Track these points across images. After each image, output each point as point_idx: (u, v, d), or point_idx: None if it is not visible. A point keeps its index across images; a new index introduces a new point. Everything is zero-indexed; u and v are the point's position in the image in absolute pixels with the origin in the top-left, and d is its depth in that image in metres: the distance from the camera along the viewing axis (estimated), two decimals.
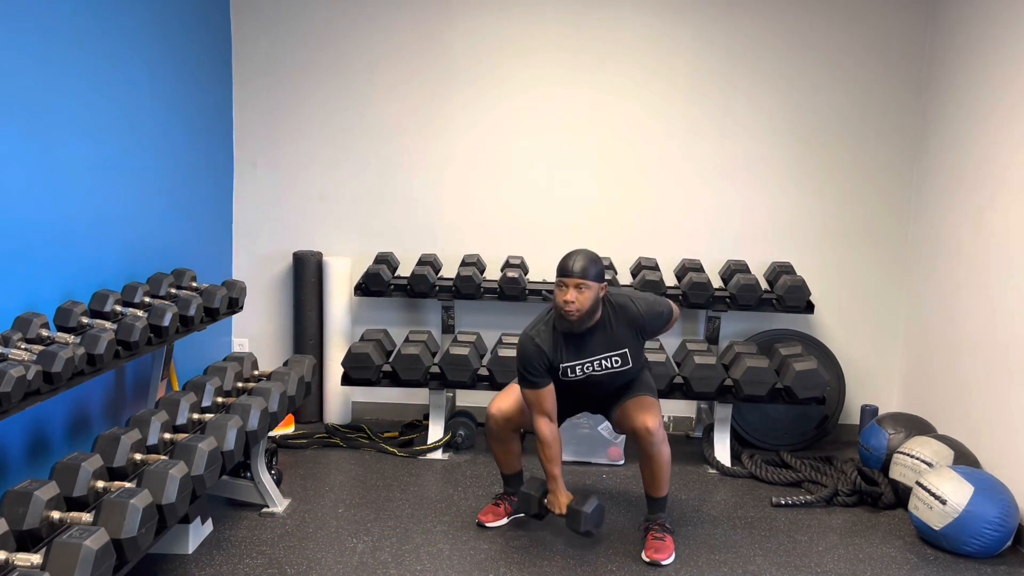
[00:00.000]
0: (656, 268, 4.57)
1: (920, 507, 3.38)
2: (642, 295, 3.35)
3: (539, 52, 4.71)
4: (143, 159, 3.81)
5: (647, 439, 3.17)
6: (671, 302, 3.36)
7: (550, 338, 3.17)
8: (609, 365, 3.21)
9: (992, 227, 3.80)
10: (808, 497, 3.79)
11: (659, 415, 3.23)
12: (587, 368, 3.20)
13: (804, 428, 4.57)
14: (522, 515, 3.52)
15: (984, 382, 3.79)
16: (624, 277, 4.67)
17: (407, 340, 4.38)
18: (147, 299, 3.38)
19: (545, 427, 3.19)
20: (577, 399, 3.37)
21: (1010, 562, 3.28)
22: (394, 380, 4.22)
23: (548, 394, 3.20)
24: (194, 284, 3.79)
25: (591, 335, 3.17)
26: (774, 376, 4.06)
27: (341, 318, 4.76)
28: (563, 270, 3.08)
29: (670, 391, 4.10)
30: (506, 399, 3.42)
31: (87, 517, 2.19)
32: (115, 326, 2.96)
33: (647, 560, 3.17)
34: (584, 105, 4.74)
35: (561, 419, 3.33)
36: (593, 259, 3.09)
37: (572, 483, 3.95)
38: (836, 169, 4.70)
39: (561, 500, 3.21)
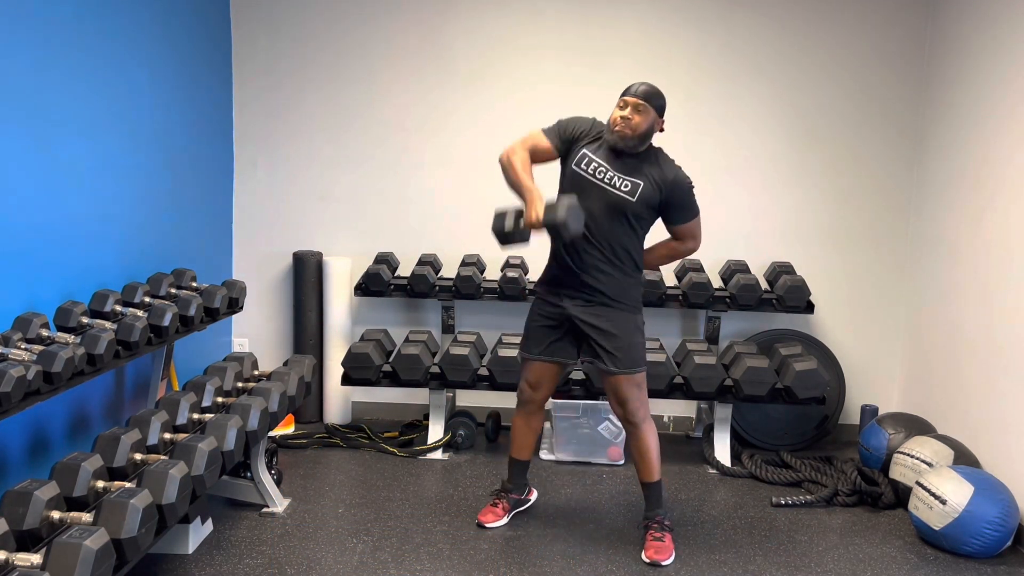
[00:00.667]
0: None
1: (920, 507, 3.38)
2: (691, 190, 3.26)
3: (540, 50, 4.71)
4: (143, 159, 3.81)
5: (627, 420, 3.21)
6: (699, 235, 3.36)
7: (596, 134, 3.17)
8: (617, 185, 3.11)
9: (992, 227, 3.80)
10: (808, 497, 3.79)
11: (641, 392, 3.21)
12: (599, 171, 3.12)
13: (804, 428, 4.57)
14: (522, 509, 3.53)
15: (984, 382, 3.79)
16: None
17: (407, 340, 4.38)
18: (147, 299, 3.38)
19: (520, 149, 3.14)
20: (563, 267, 3.23)
21: (1010, 562, 3.29)
22: (394, 380, 4.22)
23: (545, 147, 3.19)
24: (194, 284, 3.79)
25: (625, 155, 3.13)
26: (774, 376, 4.06)
27: (341, 318, 4.76)
28: (627, 91, 3.11)
29: (670, 391, 4.10)
30: (534, 369, 3.39)
31: (87, 517, 2.18)
32: (115, 326, 2.96)
33: (647, 560, 3.16)
34: (585, 104, 4.71)
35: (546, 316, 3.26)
36: (659, 92, 3.12)
37: (572, 483, 3.96)
38: (836, 169, 4.70)
39: (538, 204, 3.00)
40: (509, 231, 3.06)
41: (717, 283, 4.66)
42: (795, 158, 4.71)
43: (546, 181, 3.22)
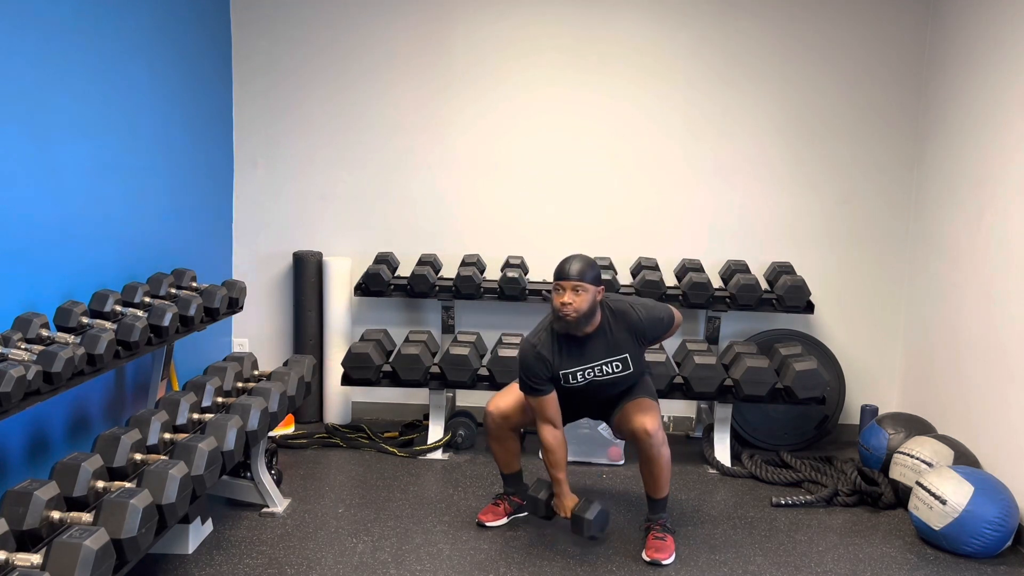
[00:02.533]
0: (656, 268, 4.57)
1: (920, 507, 3.38)
2: (642, 301, 3.35)
3: (539, 52, 4.70)
4: (143, 159, 3.81)
5: (646, 441, 3.17)
6: (673, 308, 3.36)
7: (551, 345, 3.18)
8: (610, 371, 3.21)
9: (992, 227, 3.80)
10: (808, 497, 3.79)
11: (658, 417, 3.23)
12: (588, 374, 3.21)
13: (804, 428, 4.57)
14: (523, 515, 3.53)
15: (984, 382, 3.79)
16: (624, 277, 4.67)
17: (407, 340, 4.38)
18: (147, 299, 3.38)
19: (549, 434, 3.21)
20: (578, 405, 3.38)
21: (1010, 562, 3.28)
22: (394, 380, 4.22)
23: (551, 401, 3.21)
24: (194, 284, 3.79)
25: (591, 340, 3.18)
26: (774, 376, 4.06)
27: (341, 318, 4.76)
28: (560, 273, 3.11)
29: (670, 391, 4.10)
30: (505, 398, 3.43)
31: (87, 517, 2.18)
32: (115, 326, 2.96)
33: (647, 560, 3.17)
34: (584, 105, 4.74)
35: (563, 424, 3.33)
36: (590, 263, 3.12)
37: (572, 483, 3.93)
38: (836, 169, 4.70)
39: (567, 504, 3.23)
40: (542, 516, 3.35)
41: (717, 283, 4.66)
42: (795, 158, 4.70)
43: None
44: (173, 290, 3.56)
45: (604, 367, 3.20)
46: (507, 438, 3.46)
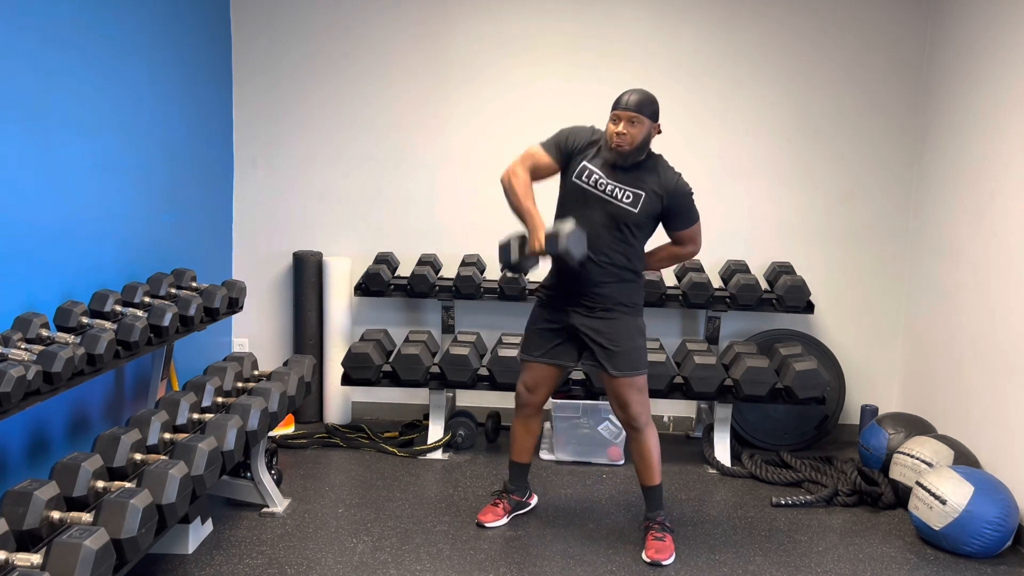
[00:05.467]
0: None
1: (920, 507, 3.38)
2: (690, 193, 3.26)
3: (539, 50, 4.70)
4: (143, 159, 3.81)
5: (629, 424, 3.20)
6: (700, 240, 3.35)
7: (593, 147, 3.15)
8: (619, 196, 3.11)
9: (992, 227, 3.80)
10: (808, 497, 3.79)
11: (642, 397, 3.20)
12: (600, 183, 3.11)
13: (804, 428, 4.57)
14: (523, 513, 3.53)
15: (984, 382, 3.79)
16: None
17: (407, 340, 4.38)
18: (147, 299, 3.38)
19: (520, 171, 3.14)
20: (565, 282, 3.23)
21: (1010, 562, 3.28)
22: (394, 380, 4.22)
23: (546, 163, 3.18)
24: (194, 284, 3.79)
25: (623, 168, 3.12)
26: (774, 376, 4.06)
27: (341, 318, 4.76)
28: (618, 103, 3.08)
29: (670, 391, 4.10)
30: (533, 372, 3.38)
31: (87, 517, 2.18)
32: (115, 326, 2.96)
33: (647, 560, 3.17)
34: (585, 103, 4.71)
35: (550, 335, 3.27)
36: (650, 98, 3.08)
37: (572, 483, 3.96)
38: (836, 169, 4.69)
39: (540, 234, 3.04)
40: (516, 261, 3.12)
41: (717, 283, 4.66)
42: (796, 158, 4.70)
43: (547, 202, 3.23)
44: (173, 290, 3.56)
45: (617, 190, 3.11)
46: (532, 416, 3.43)
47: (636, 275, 3.25)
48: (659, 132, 3.14)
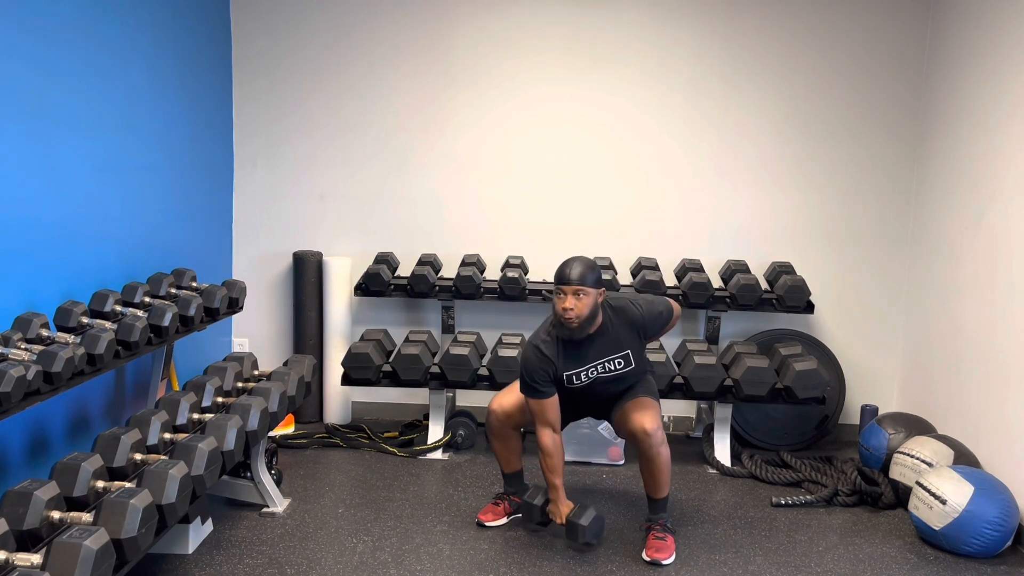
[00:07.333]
0: (656, 268, 4.57)
1: (920, 507, 3.38)
2: (641, 296, 3.35)
3: (540, 52, 4.70)
4: (143, 159, 3.81)
5: (645, 441, 3.17)
6: (671, 301, 3.36)
7: (554, 346, 3.17)
8: (612, 368, 3.21)
9: (992, 227, 3.80)
10: (808, 497, 3.79)
11: (658, 417, 3.23)
12: (591, 373, 3.21)
13: (804, 428, 4.57)
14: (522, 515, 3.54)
15: (984, 382, 3.79)
16: (624, 277, 4.67)
17: (407, 340, 4.38)
18: (147, 299, 3.38)
19: (547, 437, 3.19)
20: (580, 405, 3.38)
21: (1010, 562, 3.28)
22: (394, 380, 4.22)
23: (552, 404, 3.20)
24: (194, 284, 3.79)
25: (593, 340, 3.17)
26: (774, 376, 4.06)
27: (341, 318, 4.76)
28: (561, 278, 3.08)
29: (670, 391, 4.10)
30: (507, 397, 3.43)
31: (87, 517, 2.19)
32: (115, 326, 2.96)
33: (647, 560, 3.17)
34: (584, 105, 4.74)
35: (564, 424, 3.33)
36: (591, 266, 3.10)
37: (572, 483, 3.96)
38: (836, 169, 4.70)
39: (562, 510, 3.22)
40: (537, 523, 3.35)
41: (717, 283, 4.66)
42: (796, 158, 4.70)
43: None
44: (173, 290, 3.56)
45: (607, 364, 3.20)
46: (509, 436, 3.46)
47: (645, 370, 3.39)
48: (603, 297, 3.15)
